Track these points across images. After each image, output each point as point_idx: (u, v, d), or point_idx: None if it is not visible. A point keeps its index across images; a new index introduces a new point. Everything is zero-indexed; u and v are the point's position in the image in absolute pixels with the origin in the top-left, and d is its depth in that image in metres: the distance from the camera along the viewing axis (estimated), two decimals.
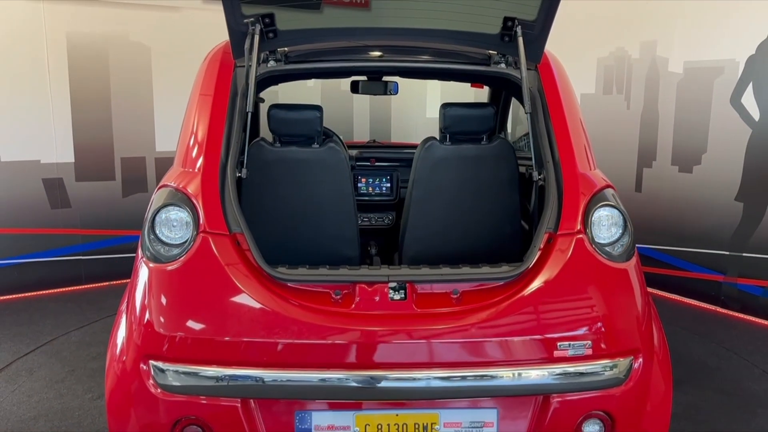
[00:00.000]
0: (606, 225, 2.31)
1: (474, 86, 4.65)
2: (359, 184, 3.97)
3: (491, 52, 2.80)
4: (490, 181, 2.76)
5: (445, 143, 2.74)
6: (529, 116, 2.60)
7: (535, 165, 2.58)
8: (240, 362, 2.09)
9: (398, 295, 2.18)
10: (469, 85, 4.58)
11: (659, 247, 5.47)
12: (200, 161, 2.37)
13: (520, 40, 2.59)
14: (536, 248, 2.26)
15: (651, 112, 5.46)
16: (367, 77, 3.56)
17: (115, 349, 2.24)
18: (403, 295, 2.18)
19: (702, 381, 3.77)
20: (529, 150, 2.73)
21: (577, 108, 2.69)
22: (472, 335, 2.12)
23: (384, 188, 4.01)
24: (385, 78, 3.54)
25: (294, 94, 4.60)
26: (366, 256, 3.63)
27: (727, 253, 5.03)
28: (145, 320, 2.14)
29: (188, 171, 2.38)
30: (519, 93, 2.71)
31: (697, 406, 3.45)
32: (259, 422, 2.16)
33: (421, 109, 6.92)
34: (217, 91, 2.55)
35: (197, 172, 2.34)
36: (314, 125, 2.67)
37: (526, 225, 3.01)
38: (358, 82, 3.57)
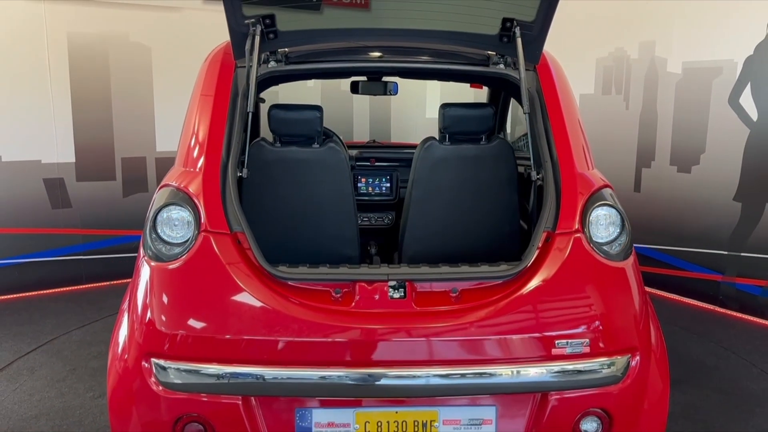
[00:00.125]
0: (604, 224, 2.33)
1: (473, 87, 4.66)
2: (359, 184, 3.99)
3: (490, 52, 2.81)
4: (490, 181, 2.77)
5: (444, 143, 2.75)
6: (527, 116, 2.61)
7: (533, 165, 2.60)
8: (241, 360, 2.10)
9: (398, 294, 2.19)
10: (468, 85, 4.59)
11: (658, 246, 5.48)
12: (201, 161, 2.39)
13: (519, 40, 2.60)
14: (534, 247, 2.28)
15: (650, 113, 5.47)
16: (367, 78, 3.57)
17: (117, 348, 2.25)
18: (402, 294, 2.19)
19: (700, 380, 3.79)
20: (527, 150, 2.75)
21: (576, 108, 2.71)
22: (471, 333, 2.14)
23: (384, 188, 4.02)
24: (384, 78, 3.55)
25: (294, 94, 4.60)
26: (366, 256, 3.64)
27: (726, 252, 5.04)
28: (147, 318, 2.15)
29: (189, 171, 2.40)
30: (518, 93, 2.72)
31: (695, 406, 3.47)
32: (260, 419, 2.17)
33: (421, 109, 6.93)
34: (218, 92, 2.57)
35: (198, 172, 2.36)
36: (314, 125, 2.68)
37: (524, 224, 3.02)
38: (358, 82, 3.58)
